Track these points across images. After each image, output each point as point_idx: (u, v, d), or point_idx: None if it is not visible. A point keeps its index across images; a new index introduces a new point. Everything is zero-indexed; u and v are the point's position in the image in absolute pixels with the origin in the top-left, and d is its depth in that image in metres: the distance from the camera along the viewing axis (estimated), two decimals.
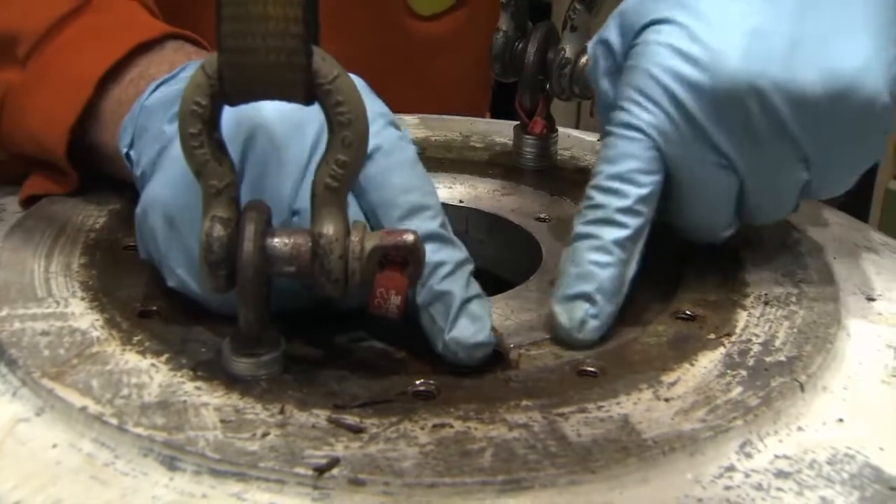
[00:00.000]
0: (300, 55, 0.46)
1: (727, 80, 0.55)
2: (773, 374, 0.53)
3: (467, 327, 0.52)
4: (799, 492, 0.47)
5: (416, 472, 0.45)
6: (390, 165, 0.55)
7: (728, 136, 0.57)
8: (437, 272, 0.52)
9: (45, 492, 0.44)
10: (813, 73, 0.55)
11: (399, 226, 0.54)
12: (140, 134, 0.60)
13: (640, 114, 0.57)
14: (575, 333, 0.55)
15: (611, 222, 0.56)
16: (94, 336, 0.54)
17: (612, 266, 0.56)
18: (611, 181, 0.57)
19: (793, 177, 0.59)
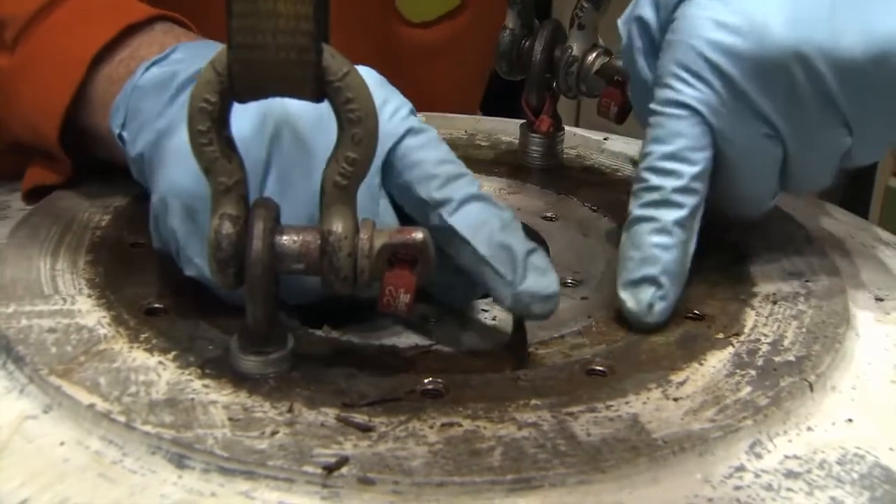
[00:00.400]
0: (310, 52, 0.46)
1: (772, 49, 0.55)
2: (782, 374, 0.53)
3: (538, 280, 0.52)
4: (809, 492, 0.46)
5: (425, 471, 0.45)
6: (422, 143, 0.56)
7: (774, 105, 0.57)
8: (491, 226, 0.53)
9: (53, 489, 0.44)
10: (854, 36, 0.55)
11: (440, 193, 0.54)
12: (133, 115, 0.60)
13: (686, 90, 0.57)
14: (644, 318, 0.56)
15: (669, 203, 0.57)
16: (101, 333, 0.54)
17: (674, 248, 0.57)
18: (664, 161, 0.57)
19: (836, 143, 0.59)
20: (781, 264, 0.65)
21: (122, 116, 0.61)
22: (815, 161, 0.61)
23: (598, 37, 0.77)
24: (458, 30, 1.03)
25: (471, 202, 0.54)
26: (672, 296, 0.57)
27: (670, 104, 0.58)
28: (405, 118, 0.56)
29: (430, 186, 0.54)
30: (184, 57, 0.61)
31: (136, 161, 0.60)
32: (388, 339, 0.55)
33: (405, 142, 0.55)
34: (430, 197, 0.54)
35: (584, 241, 0.69)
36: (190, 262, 0.55)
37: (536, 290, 0.52)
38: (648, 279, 0.56)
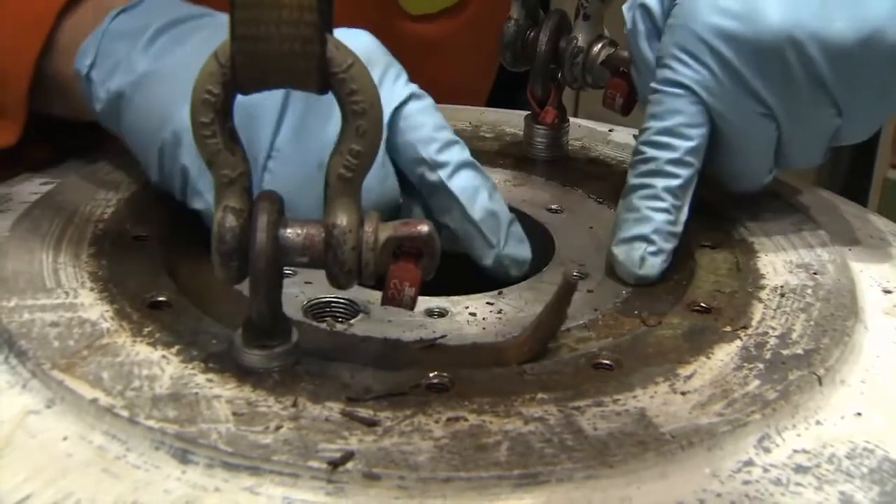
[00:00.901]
0: (314, 43, 0.45)
1: (767, 33, 0.59)
2: (791, 368, 0.52)
3: (518, 246, 0.59)
4: (818, 486, 0.46)
5: (431, 466, 0.44)
6: (423, 108, 0.62)
7: (768, 86, 0.60)
8: (482, 194, 0.59)
9: (56, 485, 0.44)
10: (844, 21, 0.58)
11: (439, 156, 0.61)
12: (105, 56, 0.62)
13: (684, 71, 0.61)
14: (636, 270, 0.60)
15: (662, 173, 0.61)
16: (103, 327, 0.53)
17: (666, 211, 0.61)
18: (660, 136, 0.62)
19: (826, 123, 0.63)
20: (789, 256, 0.64)
21: (90, 58, 0.63)
22: (807, 139, 0.64)
23: (603, 27, 0.77)
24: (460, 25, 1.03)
25: (465, 168, 0.60)
26: (663, 253, 0.61)
27: (669, 83, 0.62)
28: (406, 84, 0.62)
29: (431, 148, 0.61)
30: (155, 5, 0.63)
31: (109, 101, 0.62)
32: (393, 333, 0.55)
33: (409, 105, 0.61)
34: (430, 158, 0.61)
35: (590, 233, 0.69)
36: (199, 195, 0.58)
37: (516, 255, 0.60)
38: (640, 237, 0.61)
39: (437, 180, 0.61)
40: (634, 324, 0.57)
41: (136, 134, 0.62)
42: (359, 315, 0.57)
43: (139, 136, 0.62)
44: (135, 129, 0.62)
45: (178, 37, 0.62)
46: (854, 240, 0.69)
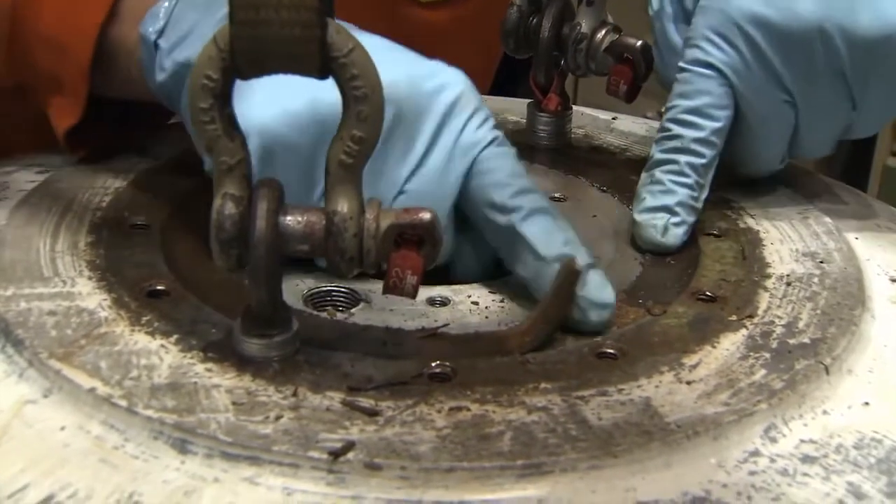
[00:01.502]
0: (315, 28, 0.44)
1: (799, 22, 0.61)
2: (797, 357, 0.52)
3: (595, 289, 0.54)
4: (826, 477, 0.45)
5: (433, 456, 0.44)
6: (502, 153, 0.60)
7: (793, 74, 0.62)
8: (557, 237, 0.56)
9: (54, 475, 0.43)
10: (869, 17, 0.61)
11: (513, 201, 0.57)
12: (177, 21, 0.60)
13: (715, 52, 0.63)
14: (658, 237, 0.62)
15: (688, 151, 0.63)
16: (101, 316, 0.53)
17: (689, 187, 0.63)
18: (687, 115, 0.64)
19: (841, 115, 0.65)
20: (795, 245, 0.64)
21: (161, 23, 0.60)
22: (821, 130, 0.66)
23: (607, 13, 0.76)
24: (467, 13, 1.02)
25: (540, 213, 0.57)
26: (686, 224, 0.62)
27: (699, 64, 0.64)
28: (492, 129, 0.60)
29: (505, 193, 0.58)
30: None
31: (175, 72, 0.59)
32: (395, 322, 0.54)
33: (490, 149, 0.59)
34: (502, 202, 0.57)
35: (593, 221, 0.68)
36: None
37: (593, 298, 0.53)
38: (664, 208, 0.62)
39: (508, 224, 0.57)
40: (639, 313, 0.56)
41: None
42: (360, 304, 0.56)
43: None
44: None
45: None
46: (860, 228, 0.69)
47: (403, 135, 0.57)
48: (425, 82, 0.57)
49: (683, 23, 0.68)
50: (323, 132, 0.52)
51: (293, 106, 0.54)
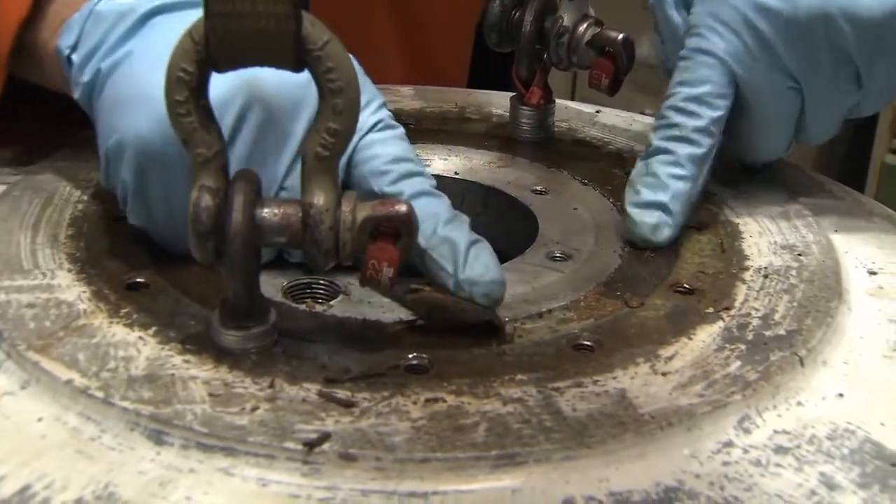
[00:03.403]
0: (290, 21, 0.44)
1: (801, 7, 0.60)
2: (773, 349, 0.52)
3: (478, 268, 0.53)
4: (798, 467, 0.46)
5: (407, 447, 0.44)
6: (384, 138, 0.58)
7: (798, 60, 0.62)
8: (438, 220, 0.54)
9: (30, 466, 0.44)
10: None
11: (391, 188, 0.55)
12: (86, 38, 0.59)
13: (717, 41, 0.63)
14: (649, 235, 0.61)
15: (687, 140, 0.62)
16: (80, 308, 0.53)
17: (685, 179, 0.62)
18: (687, 102, 0.63)
19: (847, 96, 0.64)
20: (774, 238, 0.64)
21: (73, 37, 0.60)
22: (828, 113, 0.65)
23: (589, 7, 0.76)
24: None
25: (421, 197, 0.55)
26: (677, 222, 0.61)
27: (701, 52, 0.63)
28: (374, 112, 0.58)
29: (383, 181, 0.57)
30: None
31: (85, 85, 0.59)
32: (373, 314, 0.55)
33: (370, 135, 0.58)
34: (381, 191, 0.56)
35: (574, 214, 0.68)
36: (137, 212, 0.57)
37: (475, 278, 0.52)
38: (658, 204, 0.61)
39: None
40: (616, 305, 0.57)
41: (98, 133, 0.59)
42: (339, 296, 0.56)
43: (97, 135, 0.59)
44: (97, 128, 0.59)
45: (158, 26, 0.58)
46: (840, 221, 0.69)
47: (279, 128, 0.56)
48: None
49: (684, 9, 0.67)
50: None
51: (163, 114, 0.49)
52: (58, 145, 0.70)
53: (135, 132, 0.55)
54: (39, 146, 0.70)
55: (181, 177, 0.54)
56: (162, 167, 0.55)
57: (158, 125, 0.53)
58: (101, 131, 0.58)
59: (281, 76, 0.52)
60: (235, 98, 0.54)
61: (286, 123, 0.56)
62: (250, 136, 0.55)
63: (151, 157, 0.55)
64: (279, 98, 0.55)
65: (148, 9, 0.58)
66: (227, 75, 0.47)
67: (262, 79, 0.55)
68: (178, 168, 0.54)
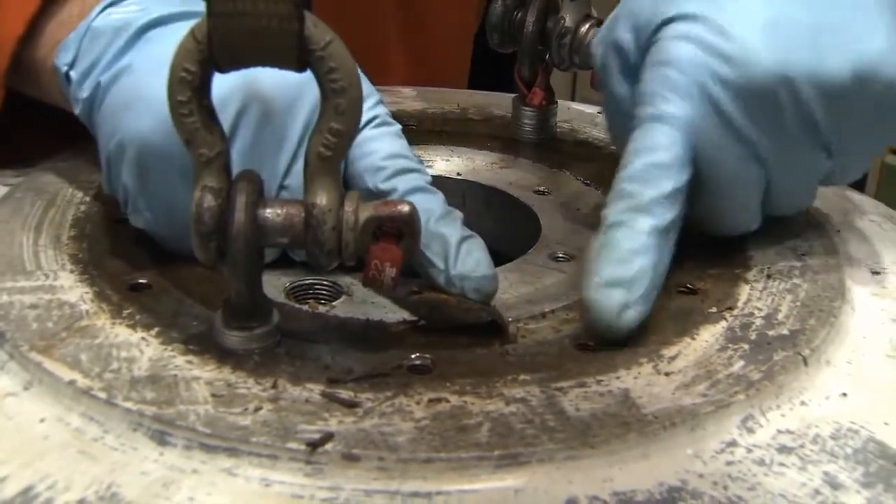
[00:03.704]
0: (292, 20, 0.44)
1: (758, 73, 0.54)
2: (776, 348, 0.52)
3: (469, 264, 0.53)
4: (802, 467, 0.46)
5: (411, 447, 0.44)
6: (379, 135, 0.58)
7: (758, 128, 0.56)
8: (430, 216, 0.54)
9: (33, 467, 0.44)
10: (838, 59, 0.55)
11: (385, 184, 0.56)
12: (84, 54, 0.60)
13: (669, 108, 0.56)
14: (613, 320, 0.51)
15: (645, 211, 0.54)
16: (83, 309, 0.53)
17: (648, 253, 0.53)
18: (643, 172, 0.55)
19: (816, 166, 0.59)
20: (777, 238, 0.64)
21: (71, 55, 0.60)
22: (797, 184, 0.60)
23: (591, 7, 0.76)
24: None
25: (415, 193, 0.55)
26: (645, 305, 0.53)
27: (654, 119, 0.56)
28: (370, 108, 0.58)
29: (377, 178, 0.57)
30: (141, 0, 0.60)
31: (85, 100, 0.59)
32: (376, 314, 0.55)
33: (365, 131, 0.57)
34: (375, 187, 0.56)
35: (576, 215, 0.68)
36: (138, 213, 0.57)
37: (466, 273, 0.53)
38: (620, 282, 0.52)
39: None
40: None
41: (98, 141, 0.59)
42: (341, 297, 0.56)
43: (99, 144, 0.59)
44: (98, 137, 0.59)
45: (154, 39, 0.59)
46: (843, 221, 0.69)
47: (277, 128, 0.56)
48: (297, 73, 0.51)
49: (627, 77, 0.60)
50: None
51: (166, 114, 0.49)
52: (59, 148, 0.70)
53: (136, 132, 0.55)
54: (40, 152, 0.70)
55: (182, 177, 0.54)
56: (163, 167, 0.55)
57: (159, 125, 0.53)
58: (102, 138, 0.58)
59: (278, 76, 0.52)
60: (233, 98, 0.54)
61: (284, 123, 0.56)
62: (248, 136, 0.55)
63: (153, 157, 0.55)
64: (276, 98, 0.56)
65: (144, 22, 0.59)
66: (224, 75, 0.47)
67: (259, 79, 0.55)
68: (179, 168, 0.54)
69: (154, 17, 0.59)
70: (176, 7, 0.60)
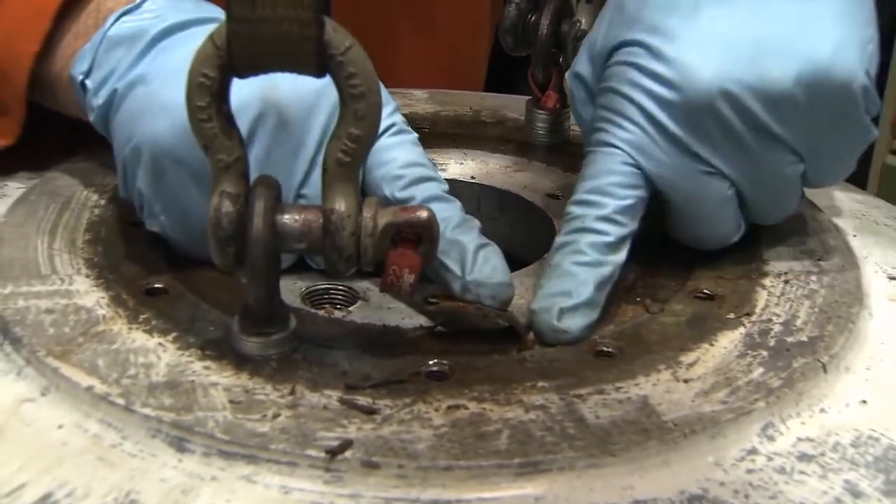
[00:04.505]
0: (312, 26, 0.44)
1: (696, 92, 0.55)
2: (795, 355, 0.52)
3: (485, 270, 0.53)
4: (823, 475, 0.45)
5: (430, 454, 0.44)
6: (397, 143, 0.58)
7: (710, 144, 0.57)
8: (447, 224, 0.54)
9: (51, 473, 0.43)
10: (780, 68, 0.55)
11: (403, 193, 0.56)
12: (100, 63, 0.60)
13: (616, 132, 0.58)
14: (553, 321, 0.53)
15: (588, 230, 0.56)
16: (99, 314, 0.53)
17: (590, 266, 0.55)
18: (588, 194, 0.57)
19: (787, 171, 0.59)
20: (793, 243, 0.64)
21: (87, 64, 0.61)
22: (772, 192, 0.60)
23: None
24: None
25: (432, 202, 0.55)
26: (588, 311, 0.54)
27: (600, 144, 0.58)
28: (387, 116, 0.58)
29: (395, 186, 0.57)
30: (156, 8, 0.61)
31: (100, 108, 0.60)
32: (392, 320, 0.54)
33: (381, 140, 0.57)
34: (393, 196, 0.56)
35: None
36: (154, 218, 0.57)
37: (483, 280, 0.53)
38: (561, 292, 0.54)
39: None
40: (637, 311, 0.56)
41: (115, 147, 0.60)
42: (357, 302, 0.56)
43: (115, 150, 0.59)
44: (114, 143, 0.59)
45: (169, 47, 0.59)
46: (859, 226, 0.69)
47: (293, 135, 0.56)
48: (313, 79, 0.50)
49: (592, 106, 0.62)
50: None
51: (184, 118, 0.48)
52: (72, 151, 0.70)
53: (152, 136, 0.55)
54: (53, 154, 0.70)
55: (197, 182, 0.54)
56: (178, 171, 0.55)
57: (175, 129, 0.54)
58: (117, 143, 0.58)
59: (295, 83, 0.52)
60: (250, 105, 0.55)
61: (300, 130, 0.56)
62: (265, 143, 0.56)
63: (167, 161, 0.55)
64: (293, 105, 0.56)
65: (159, 29, 0.59)
66: (241, 82, 0.47)
67: (276, 86, 0.55)
68: (193, 173, 0.54)
69: (169, 23, 0.59)
70: (191, 14, 0.60)
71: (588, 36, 0.63)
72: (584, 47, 0.63)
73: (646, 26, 0.58)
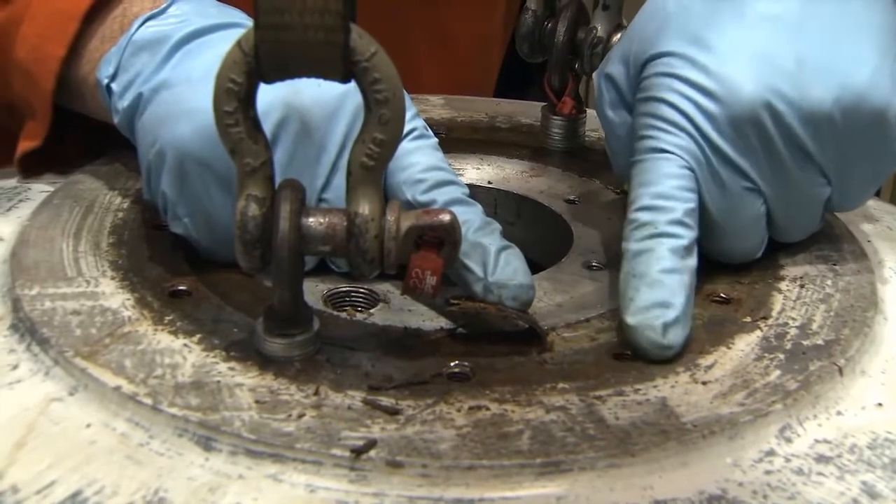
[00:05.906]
0: (338, 32, 0.45)
1: (742, 107, 0.56)
2: (812, 358, 0.52)
3: (507, 271, 0.54)
4: (840, 476, 0.46)
5: (453, 454, 0.44)
6: (417, 147, 0.59)
7: (751, 159, 0.57)
8: (469, 227, 0.54)
9: (80, 472, 0.44)
10: (821, 88, 0.56)
11: (424, 197, 0.56)
12: (125, 67, 0.61)
13: (667, 138, 0.58)
14: (660, 339, 0.52)
15: (665, 234, 0.55)
16: (125, 316, 0.53)
17: (678, 272, 0.54)
18: (654, 200, 0.57)
19: (814, 193, 0.60)
20: (808, 248, 0.64)
21: (112, 67, 0.62)
22: (798, 211, 0.61)
23: (622, 17, 0.76)
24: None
25: (454, 205, 0.56)
26: (686, 320, 0.53)
27: (655, 151, 0.58)
28: (408, 120, 0.58)
29: (416, 190, 0.57)
30: (180, 13, 0.62)
31: (125, 111, 0.61)
32: (414, 322, 0.55)
33: (403, 144, 0.58)
34: (414, 199, 0.57)
35: (608, 223, 0.69)
36: (178, 220, 0.58)
37: (504, 281, 0.53)
38: (658, 304, 0.53)
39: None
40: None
41: (139, 150, 0.61)
42: (378, 304, 0.57)
43: (139, 153, 0.60)
44: (138, 146, 0.60)
45: (193, 51, 0.60)
46: (873, 231, 0.69)
47: (316, 139, 0.57)
48: (335, 85, 0.50)
49: (623, 109, 0.63)
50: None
51: (208, 122, 0.49)
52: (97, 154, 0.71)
53: (176, 139, 0.56)
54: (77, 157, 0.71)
55: (221, 185, 0.55)
56: (202, 174, 0.56)
57: (199, 132, 0.55)
58: (142, 147, 0.59)
59: (317, 88, 0.53)
60: (273, 110, 0.55)
61: (322, 135, 0.57)
62: (287, 148, 0.56)
63: (192, 164, 0.56)
64: (315, 110, 0.57)
65: (183, 34, 0.60)
66: (264, 87, 0.47)
67: (298, 91, 0.56)
68: (217, 176, 0.55)
69: (193, 28, 0.60)
70: (214, 19, 0.61)
71: (622, 37, 0.63)
72: (618, 49, 0.63)
73: (688, 37, 0.58)
